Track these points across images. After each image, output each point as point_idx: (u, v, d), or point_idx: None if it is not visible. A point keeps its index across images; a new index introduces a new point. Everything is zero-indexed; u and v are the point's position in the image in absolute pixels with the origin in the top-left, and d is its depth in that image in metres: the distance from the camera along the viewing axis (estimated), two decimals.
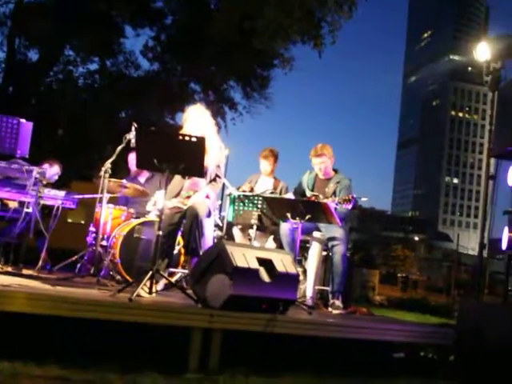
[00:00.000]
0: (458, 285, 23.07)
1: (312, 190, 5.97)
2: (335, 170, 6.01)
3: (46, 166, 6.47)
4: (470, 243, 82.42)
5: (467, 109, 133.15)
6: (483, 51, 5.76)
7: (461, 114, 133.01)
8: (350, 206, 5.38)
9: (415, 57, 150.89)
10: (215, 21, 12.60)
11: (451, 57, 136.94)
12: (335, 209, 5.30)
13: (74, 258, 5.91)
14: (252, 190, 6.60)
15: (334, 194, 5.76)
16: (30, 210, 5.36)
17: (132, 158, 6.72)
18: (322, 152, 5.85)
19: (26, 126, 5.29)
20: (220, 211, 6.76)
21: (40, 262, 5.37)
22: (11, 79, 14.55)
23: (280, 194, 6.60)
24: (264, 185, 6.72)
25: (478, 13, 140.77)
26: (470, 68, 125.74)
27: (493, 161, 5.43)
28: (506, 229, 4.78)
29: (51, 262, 5.88)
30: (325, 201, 5.43)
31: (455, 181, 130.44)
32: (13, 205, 5.81)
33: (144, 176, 7.03)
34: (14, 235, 5.57)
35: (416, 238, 73.31)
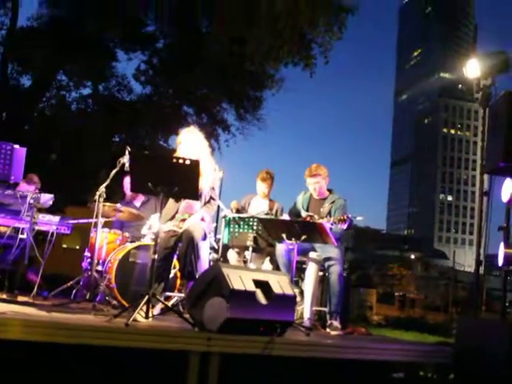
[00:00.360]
0: (456, 302, 23.00)
1: (307, 210, 5.97)
2: (330, 190, 6.02)
3: (23, 184, 6.43)
4: (466, 260, 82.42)
5: (459, 126, 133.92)
6: (473, 68, 5.78)
7: (453, 131, 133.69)
8: (345, 226, 5.39)
9: (405, 75, 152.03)
10: (206, 43, 12.69)
11: (441, 74, 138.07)
12: (330, 229, 5.30)
13: (69, 284, 5.87)
14: (238, 210, 6.60)
15: (330, 213, 5.76)
16: (24, 235, 5.34)
17: (127, 182, 6.71)
18: (317, 172, 5.87)
19: (20, 152, 5.29)
20: (215, 234, 6.73)
21: (35, 289, 5.32)
22: (4, 105, 14.58)
23: (275, 215, 6.60)
24: (259, 206, 6.71)
25: (467, 30, 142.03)
26: (460, 85, 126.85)
27: (486, 177, 5.43)
28: (502, 245, 4.77)
29: (46, 288, 5.83)
30: (320, 221, 5.43)
31: (449, 198, 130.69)
32: (6, 231, 5.77)
33: (139, 200, 7.02)
34: (8, 262, 5.53)
35: (412, 257, 73.11)
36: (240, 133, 16.47)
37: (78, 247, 10.03)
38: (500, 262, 4.72)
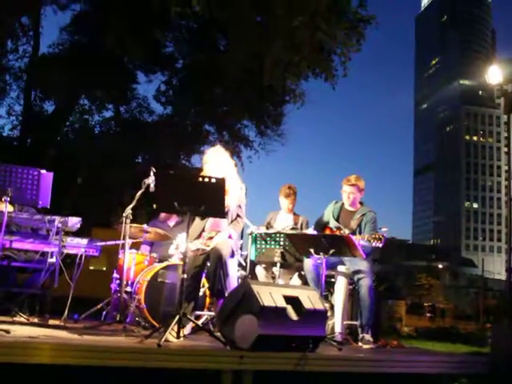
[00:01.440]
0: (487, 311, 22.66)
1: (337, 220, 5.94)
2: (361, 203, 6.01)
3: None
4: (495, 267, 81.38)
5: (481, 132, 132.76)
6: (495, 74, 5.75)
7: (475, 138, 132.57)
8: (380, 245, 5.35)
9: (425, 84, 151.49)
10: (225, 61, 12.76)
11: (461, 81, 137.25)
12: (363, 246, 5.27)
13: (99, 306, 5.90)
14: (267, 228, 6.60)
15: (359, 226, 5.74)
16: (53, 259, 5.38)
17: None
18: (356, 183, 5.88)
19: (47, 177, 5.35)
20: (241, 250, 6.73)
21: (66, 312, 5.35)
22: (29, 131, 14.81)
23: (301, 228, 6.58)
24: (284, 221, 6.70)
25: (484, 36, 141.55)
26: (480, 91, 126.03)
27: None
28: None
29: (76, 310, 5.86)
30: (354, 238, 5.39)
31: (475, 205, 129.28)
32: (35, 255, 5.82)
33: (173, 220, 7.05)
34: (38, 286, 5.56)
35: (440, 266, 72.31)
36: (262, 148, 16.49)
37: (104, 269, 10.09)
38: None
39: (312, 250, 5.26)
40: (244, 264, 6.43)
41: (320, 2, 10.65)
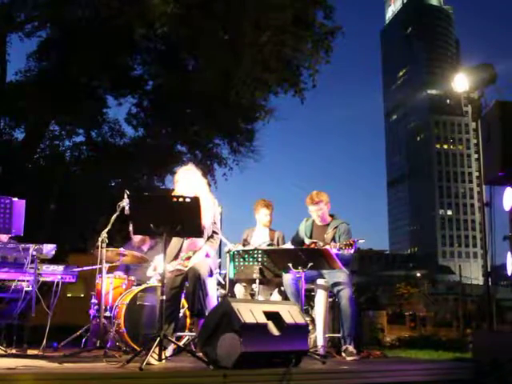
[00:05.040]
0: (467, 316, 22.82)
1: (310, 237, 5.95)
2: (331, 216, 6.02)
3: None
4: (472, 273, 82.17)
5: (451, 140, 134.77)
6: (461, 82, 5.84)
7: (446, 146, 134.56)
8: (352, 251, 5.38)
9: (393, 95, 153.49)
10: (194, 81, 12.77)
11: (428, 91, 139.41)
12: (338, 255, 5.28)
13: (78, 333, 5.83)
14: (244, 245, 6.59)
15: (334, 239, 5.76)
16: (29, 288, 5.30)
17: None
18: (319, 199, 5.88)
19: (19, 204, 5.29)
20: (220, 269, 6.70)
21: (44, 341, 5.27)
22: None
23: (277, 243, 6.58)
24: (260, 237, 6.70)
25: (449, 46, 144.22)
26: (448, 100, 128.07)
27: (484, 188, 5.45)
28: (510, 254, 4.75)
29: (55, 339, 5.77)
30: (326, 247, 5.41)
31: (449, 212, 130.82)
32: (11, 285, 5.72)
33: (147, 245, 6.96)
34: (14, 316, 5.47)
35: (418, 274, 72.92)
36: (236, 164, 16.46)
37: (82, 295, 9.98)
38: (509, 271, 4.70)
39: (290, 265, 5.25)
40: (223, 282, 6.41)
41: (285, 16, 10.75)
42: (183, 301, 5.31)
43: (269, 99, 13.63)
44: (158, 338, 4.09)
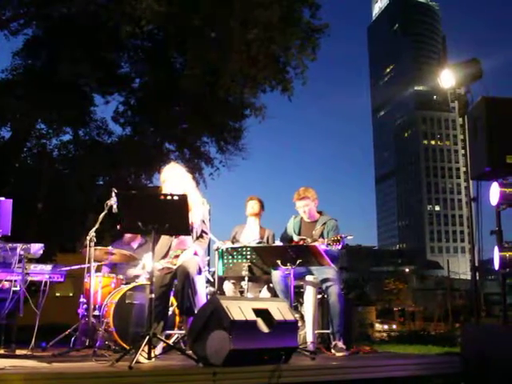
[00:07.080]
0: (455, 311, 22.95)
1: (299, 234, 5.96)
2: (320, 212, 6.03)
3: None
4: (460, 268, 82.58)
5: (438, 136, 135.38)
6: (447, 78, 5.86)
7: (433, 142, 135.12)
8: (339, 246, 5.39)
9: (381, 91, 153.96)
10: (182, 79, 12.73)
11: (415, 88, 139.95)
12: (326, 251, 5.29)
13: (67, 332, 5.80)
14: (233, 242, 6.59)
15: (322, 235, 5.76)
16: (17, 288, 5.27)
17: None
18: (305, 195, 5.88)
19: (6, 204, 5.26)
20: (209, 267, 6.69)
21: (33, 341, 5.24)
22: None
23: (267, 241, 6.58)
24: (250, 234, 6.69)
25: (435, 43, 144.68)
26: (434, 96, 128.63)
27: (471, 183, 5.47)
28: (496, 248, 4.77)
29: (44, 338, 5.74)
30: (313, 243, 5.42)
31: (437, 208, 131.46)
32: None
33: (137, 242, 6.96)
34: (2, 316, 5.44)
35: (407, 270, 73.21)
36: (223, 165, 16.43)
37: (71, 294, 9.96)
38: (496, 265, 4.72)
39: (279, 262, 5.26)
40: (212, 280, 6.41)
41: (273, 13, 10.74)
42: (172, 299, 5.29)
43: (258, 96, 13.60)
44: (148, 337, 4.09)
